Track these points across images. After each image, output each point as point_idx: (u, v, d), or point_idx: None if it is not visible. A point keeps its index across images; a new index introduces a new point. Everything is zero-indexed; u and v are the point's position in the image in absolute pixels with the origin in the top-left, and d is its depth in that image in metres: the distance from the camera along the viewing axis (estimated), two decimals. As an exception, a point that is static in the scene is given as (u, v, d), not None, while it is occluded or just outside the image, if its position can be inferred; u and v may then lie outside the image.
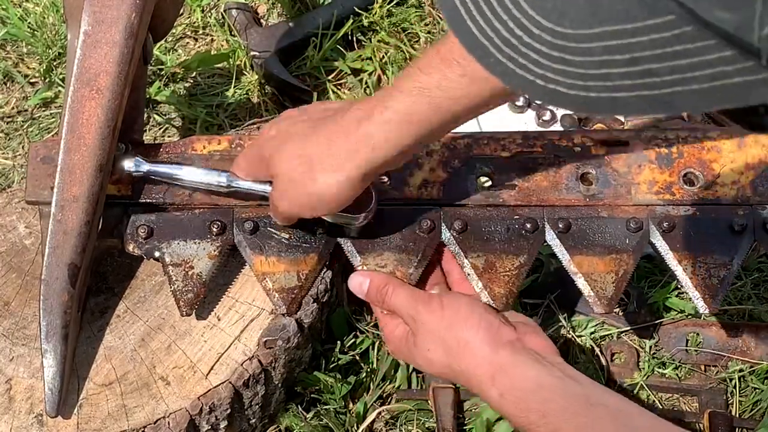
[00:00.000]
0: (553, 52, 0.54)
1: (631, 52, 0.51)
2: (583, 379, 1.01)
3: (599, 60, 0.53)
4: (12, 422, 1.15)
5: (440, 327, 1.05)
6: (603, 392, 1.00)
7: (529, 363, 1.00)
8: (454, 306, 1.06)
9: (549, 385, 0.98)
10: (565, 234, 1.17)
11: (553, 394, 0.97)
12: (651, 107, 0.53)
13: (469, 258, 1.16)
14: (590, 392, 0.98)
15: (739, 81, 0.49)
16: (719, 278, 1.16)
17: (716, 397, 1.40)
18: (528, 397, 0.98)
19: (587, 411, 0.96)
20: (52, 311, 1.12)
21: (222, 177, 1.13)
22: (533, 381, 0.99)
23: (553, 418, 0.96)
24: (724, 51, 0.49)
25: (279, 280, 1.16)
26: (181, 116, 1.71)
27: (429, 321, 1.06)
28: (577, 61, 0.53)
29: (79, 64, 1.11)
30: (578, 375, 1.01)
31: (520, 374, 1.00)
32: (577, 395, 0.97)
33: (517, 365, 1.00)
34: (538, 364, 1.00)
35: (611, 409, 0.97)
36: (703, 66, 0.50)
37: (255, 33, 1.75)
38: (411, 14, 1.80)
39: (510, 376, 1.00)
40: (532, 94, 0.58)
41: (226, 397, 1.17)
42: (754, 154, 1.19)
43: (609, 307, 1.16)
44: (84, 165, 1.11)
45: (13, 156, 1.68)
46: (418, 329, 1.07)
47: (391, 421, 1.40)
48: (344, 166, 0.99)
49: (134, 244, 1.18)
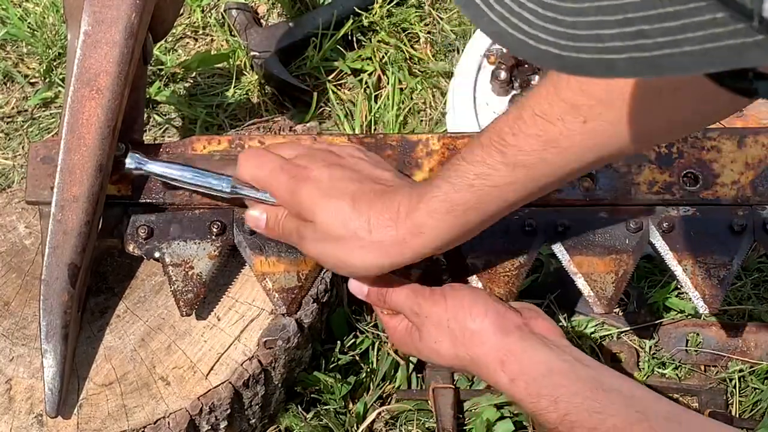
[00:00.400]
0: (545, 12, 0.54)
1: (624, 12, 0.51)
2: (593, 363, 1.00)
3: (591, 21, 0.52)
4: (12, 422, 1.15)
5: (445, 318, 1.04)
6: (614, 376, 0.99)
7: (538, 347, 1.00)
8: (457, 296, 1.06)
9: (559, 369, 0.98)
10: (564, 234, 1.17)
11: (564, 379, 0.97)
12: (642, 70, 0.52)
13: (469, 258, 1.16)
14: (601, 376, 0.98)
15: (731, 44, 0.49)
16: (719, 278, 1.16)
17: (716, 397, 1.40)
18: (538, 381, 0.97)
19: (599, 395, 0.95)
20: (52, 311, 1.12)
21: (224, 183, 1.13)
22: (543, 365, 0.98)
23: (564, 403, 0.95)
24: (716, 13, 0.48)
25: (279, 280, 1.16)
26: (181, 116, 1.71)
27: (433, 313, 1.05)
28: (568, 22, 0.53)
29: (79, 64, 1.11)
30: (587, 358, 1.01)
31: (529, 359, 0.99)
32: (588, 379, 0.97)
33: (525, 350, 1.00)
34: (546, 348, 1.00)
35: (624, 394, 0.96)
36: (694, 28, 0.49)
37: (255, 33, 1.75)
38: (411, 14, 1.80)
39: (519, 361, 0.99)
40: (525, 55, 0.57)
41: (226, 397, 1.17)
42: (754, 154, 1.19)
43: (609, 307, 1.16)
44: (84, 165, 1.11)
45: (13, 156, 1.68)
46: (423, 323, 1.06)
47: (391, 421, 1.40)
48: (389, 253, 1.00)
49: (134, 244, 1.18)
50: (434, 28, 1.81)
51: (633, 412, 0.93)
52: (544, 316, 1.07)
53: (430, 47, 1.78)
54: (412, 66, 1.76)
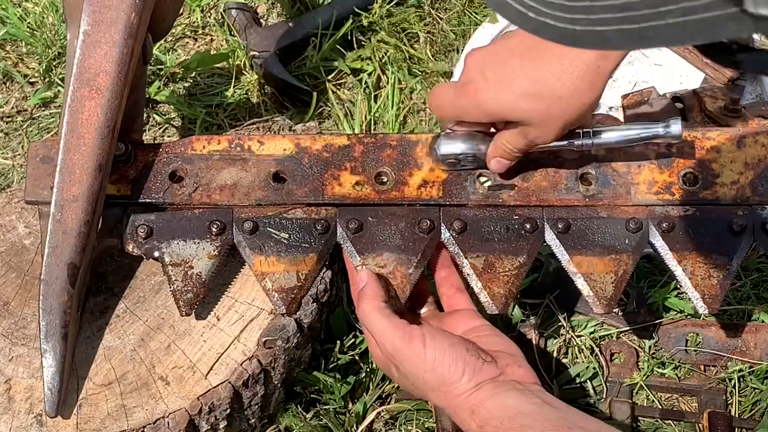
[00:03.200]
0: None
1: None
2: (560, 405, 1.02)
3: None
4: (11, 422, 1.15)
5: (423, 368, 1.05)
6: (580, 416, 1.01)
7: (509, 393, 1.02)
8: (437, 348, 1.06)
9: (527, 411, 1.00)
10: (564, 234, 1.17)
11: (530, 420, 0.99)
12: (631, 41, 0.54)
13: (469, 258, 1.16)
14: (567, 416, 1.00)
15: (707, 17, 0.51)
16: (719, 278, 1.16)
17: (716, 397, 1.40)
18: (505, 424, 0.99)
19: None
20: (51, 311, 1.12)
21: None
22: (512, 409, 1.01)
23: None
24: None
25: (278, 280, 1.16)
26: (180, 116, 1.71)
27: (411, 361, 1.06)
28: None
29: (79, 63, 1.11)
30: (556, 401, 1.03)
31: (499, 405, 1.01)
32: (555, 419, 0.99)
33: (494, 398, 1.02)
34: (516, 392, 1.02)
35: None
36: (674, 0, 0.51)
37: (255, 33, 1.75)
38: (411, 14, 1.80)
39: (489, 409, 1.01)
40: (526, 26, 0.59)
41: (225, 397, 1.17)
42: (753, 154, 1.19)
43: (608, 307, 1.16)
44: (83, 165, 1.11)
45: (13, 156, 1.68)
46: (401, 364, 1.08)
47: (390, 421, 1.40)
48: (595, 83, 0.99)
49: (134, 243, 1.18)
50: (434, 27, 1.81)
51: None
52: (520, 362, 1.08)
53: (429, 47, 1.78)
54: (412, 66, 1.76)
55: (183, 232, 1.18)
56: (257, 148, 1.21)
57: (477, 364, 1.05)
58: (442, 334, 1.08)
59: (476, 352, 1.07)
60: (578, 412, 1.02)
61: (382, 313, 1.09)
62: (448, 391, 1.04)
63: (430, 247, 1.17)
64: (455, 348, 1.06)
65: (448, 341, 1.07)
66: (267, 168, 1.20)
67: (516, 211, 1.18)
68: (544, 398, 1.02)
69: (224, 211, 1.18)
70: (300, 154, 1.20)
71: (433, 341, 1.06)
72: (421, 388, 1.07)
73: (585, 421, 1.00)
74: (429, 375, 1.05)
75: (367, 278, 1.13)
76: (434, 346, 1.06)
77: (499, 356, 1.07)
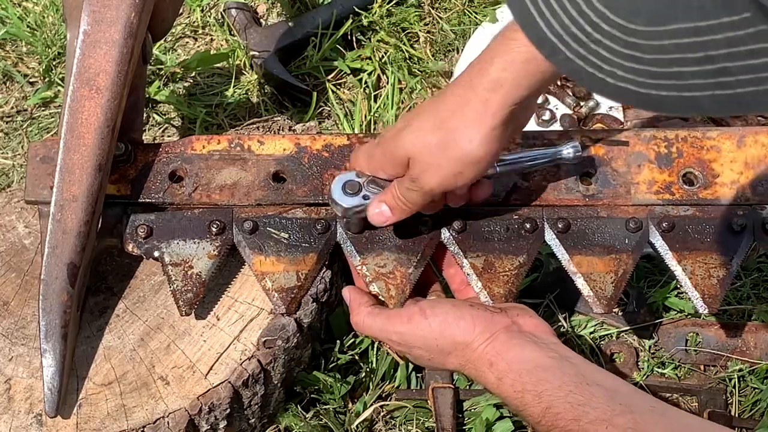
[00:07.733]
0: (623, 49, 0.54)
1: (705, 50, 0.51)
2: (578, 360, 1.01)
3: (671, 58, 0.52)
4: (11, 422, 1.15)
5: (432, 337, 1.05)
6: (598, 372, 1.01)
7: (525, 345, 1.01)
8: (439, 314, 1.06)
9: (544, 365, 0.99)
10: (564, 234, 1.17)
11: (548, 374, 0.98)
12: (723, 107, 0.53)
13: (469, 258, 1.16)
14: (585, 371, 0.99)
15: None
16: (718, 278, 1.16)
17: (716, 396, 1.40)
18: (524, 378, 0.99)
19: (583, 389, 0.96)
20: (51, 311, 1.12)
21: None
22: (529, 362, 1.00)
23: (547, 396, 0.97)
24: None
25: (278, 279, 1.16)
26: (180, 116, 1.71)
27: (420, 337, 1.06)
28: (647, 59, 0.53)
29: (79, 63, 1.11)
30: (574, 355, 1.02)
31: (516, 357, 1.01)
32: (573, 374, 0.98)
33: (513, 349, 1.01)
34: (534, 345, 1.01)
35: (608, 389, 0.97)
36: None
37: (254, 33, 1.75)
38: (411, 14, 1.80)
39: (507, 361, 1.01)
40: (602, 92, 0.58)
41: (225, 396, 1.17)
42: (753, 154, 1.19)
43: (608, 307, 1.16)
44: (83, 165, 1.11)
45: (13, 156, 1.68)
46: (414, 345, 1.08)
47: (390, 420, 1.40)
48: (483, 119, 0.95)
49: (133, 243, 1.18)
50: (434, 27, 1.81)
51: (616, 405, 0.94)
52: (531, 314, 1.07)
53: (429, 47, 1.78)
54: (412, 66, 1.76)
55: (183, 231, 1.18)
56: (257, 148, 1.21)
57: (486, 315, 1.04)
58: (441, 301, 1.09)
59: (482, 306, 1.07)
60: (596, 368, 1.02)
61: (373, 315, 1.10)
62: (464, 349, 1.03)
63: (430, 247, 1.17)
64: (458, 307, 1.06)
65: (450, 303, 1.08)
66: (267, 168, 1.20)
67: (516, 211, 1.18)
68: (561, 352, 1.01)
69: (224, 210, 1.18)
70: (300, 154, 1.20)
71: (433, 309, 1.07)
72: (440, 360, 1.06)
73: (603, 377, 1.00)
74: (441, 341, 1.04)
75: (348, 294, 1.14)
76: (435, 313, 1.06)
77: (508, 309, 1.07)
